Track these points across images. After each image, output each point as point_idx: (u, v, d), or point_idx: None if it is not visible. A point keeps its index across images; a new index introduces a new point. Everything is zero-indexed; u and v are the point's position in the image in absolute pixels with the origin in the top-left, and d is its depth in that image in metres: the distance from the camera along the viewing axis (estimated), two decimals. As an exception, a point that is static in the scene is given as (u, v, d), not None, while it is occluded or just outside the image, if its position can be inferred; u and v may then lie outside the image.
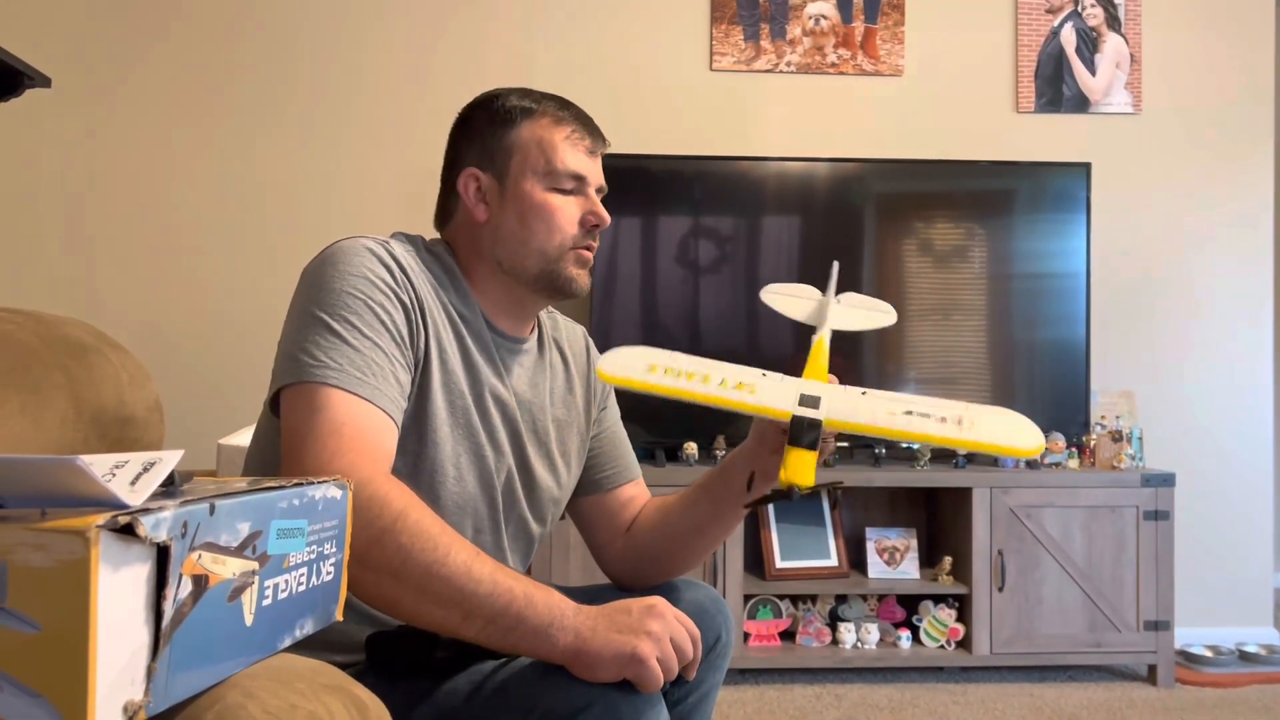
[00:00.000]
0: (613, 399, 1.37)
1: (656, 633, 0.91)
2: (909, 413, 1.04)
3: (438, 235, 1.23)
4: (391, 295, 1.05)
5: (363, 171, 3.03)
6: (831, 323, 1.18)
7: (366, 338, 1.01)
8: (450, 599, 0.90)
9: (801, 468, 0.98)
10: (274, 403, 1.04)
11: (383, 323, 1.03)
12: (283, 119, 3.02)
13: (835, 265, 1.26)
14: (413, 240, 1.17)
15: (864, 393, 1.07)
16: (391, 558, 0.90)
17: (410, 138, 3.01)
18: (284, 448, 0.98)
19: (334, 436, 0.95)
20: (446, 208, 1.21)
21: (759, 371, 1.07)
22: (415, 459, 1.07)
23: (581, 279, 1.17)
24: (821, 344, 1.14)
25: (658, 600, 0.95)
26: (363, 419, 0.97)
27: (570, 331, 1.33)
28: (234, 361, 2.92)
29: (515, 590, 0.91)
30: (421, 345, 1.08)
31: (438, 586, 0.90)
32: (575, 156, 1.15)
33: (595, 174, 1.18)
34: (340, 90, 3.04)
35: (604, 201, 1.20)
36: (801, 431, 1.00)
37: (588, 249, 1.17)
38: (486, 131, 1.17)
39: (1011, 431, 1.02)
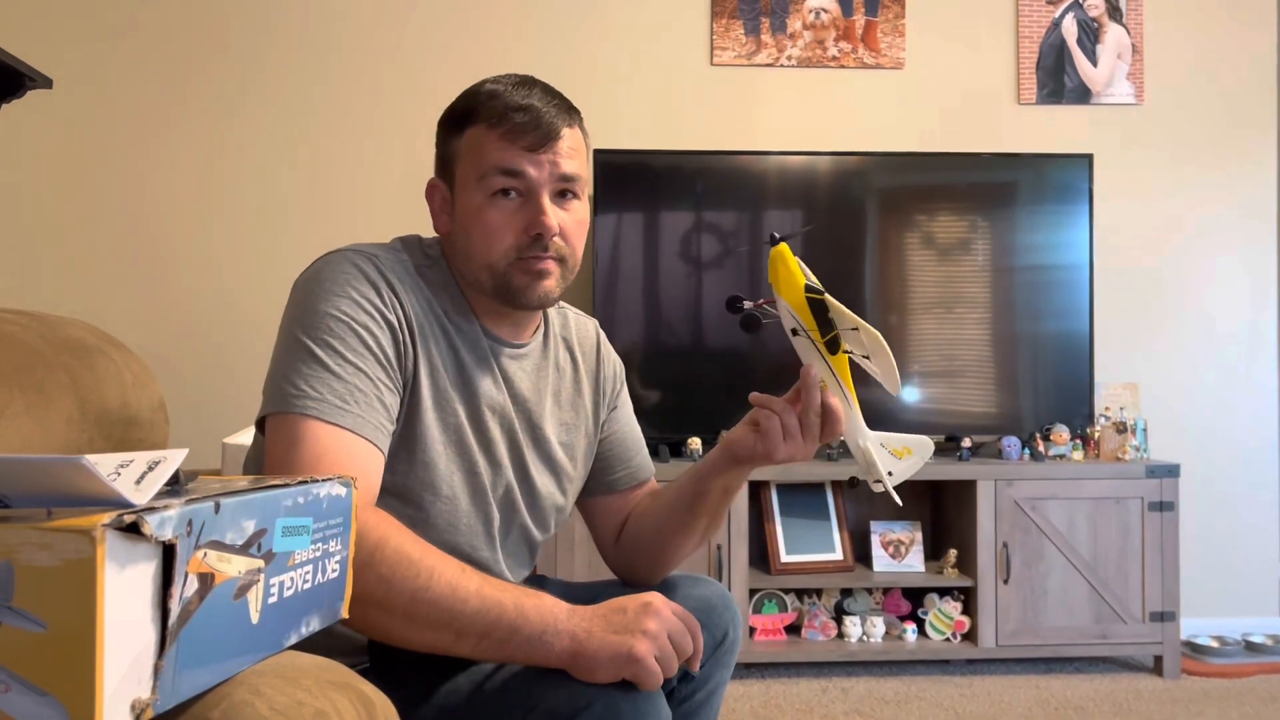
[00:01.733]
0: (624, 397, 1.34)
1: (653, 631, 0.91)
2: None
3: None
4: (377, 316, 1.03)
5: (366, 171, 3.03)
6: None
7: (350, 363, 0.99)
8: (439, 621, 0.90)
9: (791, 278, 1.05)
10: (262, 423, 1.03)
11: (367, 346, 1.01)
12: (286, 119, 3.02)
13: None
14: (410, 248, 1.14)
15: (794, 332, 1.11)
16: (374, 589, 0.89)
17: (411, 136, 3.00)
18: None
19: (311, 470, 0.94)
20: None
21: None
22: (405, 479, 1.06)
23: (534, 290, 1.09)
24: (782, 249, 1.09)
25: (654, 597, 0.95)
26: (342, 450, 0.96)
27: (581, 328, 1.30)
28: (237, 361, 2.93)
29: (505, 602, 0.91)
30: (410, 365, 1.06)
31: (425, 611, 0.90)
32: (509, 156, 1.07)
33: (542, 172, 1.08)
34: (344, 88, 3.04)
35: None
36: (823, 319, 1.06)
37: (535, 259, 1.08)
38: (441, 138, 1.14)
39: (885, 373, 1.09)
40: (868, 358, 1.08)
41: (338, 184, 3.03)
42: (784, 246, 1.06)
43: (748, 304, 1.12)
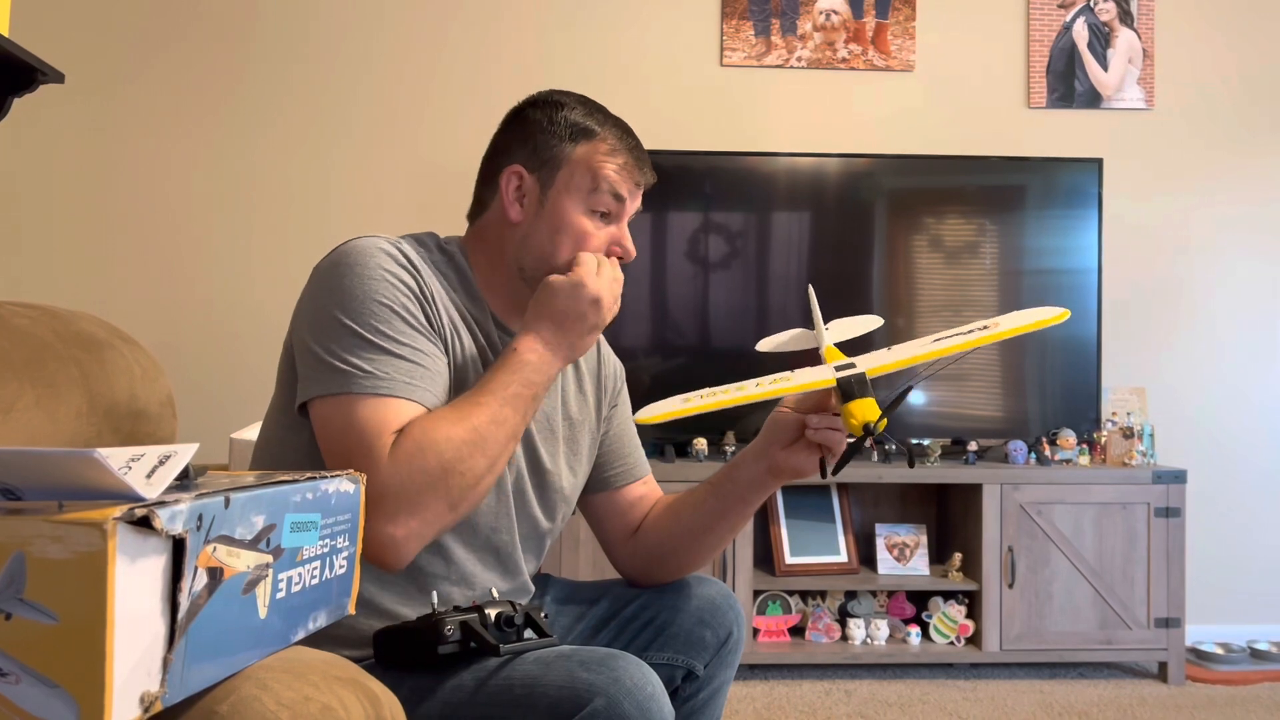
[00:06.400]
0: (624, 397, 1.38)
1: (600, 310, 1.10)
2: (939, 340, 1.11)
3: (447, 234, 1.23)
4: (414, 295, 1.06)
5: (372, 168, 3.03)
6: (830, 340, 1.24)
7: (404, 344, 1.03)
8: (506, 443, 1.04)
9: (864, 410, 1.05)
10: (293, 406, 1.05)
11: (412, 325, 1.05)
12: (293, 115, 3.03)
13: (810, 289, 1.33)
14: (423, 242, 1.17)
15: (889, 349, 1.15)
16: (470, 465, 1.00)
17: (419, 134, 3.01)
18: (344, 455, 0.98)
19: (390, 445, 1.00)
20: (482, 198, 1.21)
21: (787, 373, 1.13)
22: None
23: None
24: (830, 349, 1.20)
25: (557, 285, 1.09)
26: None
27: None
28: (246, 357, 2.93)
29: (511, 411, 1.04)
30: (441, 341, 1.10)
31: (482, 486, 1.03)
32: (623, 184, 1.17)
33: (635, 205, 1.21)
34: (350, 87, 3.04)
35: None
36: (850, 387, 1.06)
37: None
38: (540, 138, 1.17)
39: (1034, 315, 1.11)
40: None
41: (348, 183, 3.03)
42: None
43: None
